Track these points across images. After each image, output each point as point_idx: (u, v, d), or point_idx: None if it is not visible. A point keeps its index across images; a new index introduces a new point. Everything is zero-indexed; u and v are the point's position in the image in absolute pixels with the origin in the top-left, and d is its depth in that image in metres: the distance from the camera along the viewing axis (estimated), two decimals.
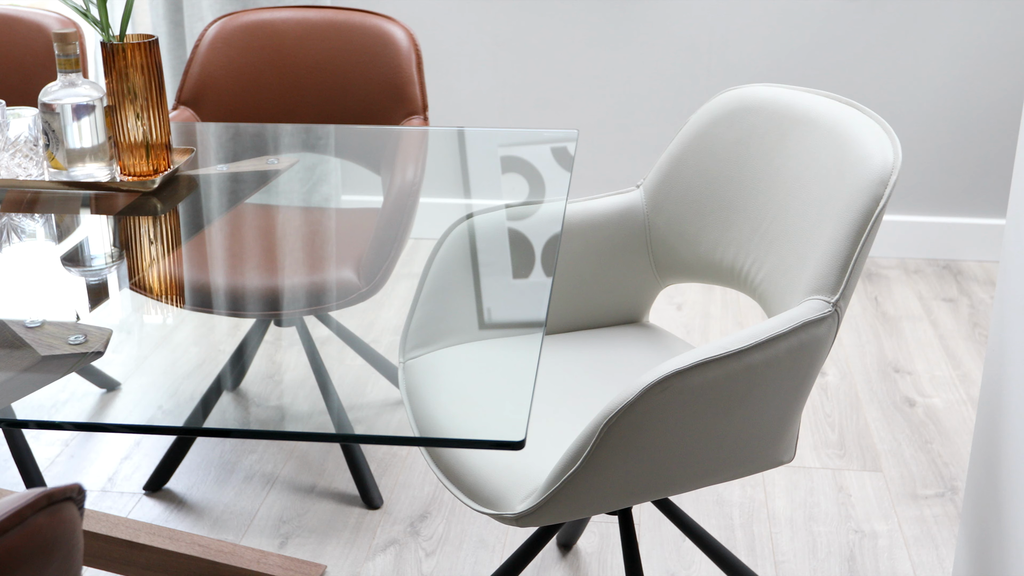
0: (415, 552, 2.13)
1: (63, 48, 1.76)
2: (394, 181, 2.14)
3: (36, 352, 1.38)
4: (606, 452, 1.43)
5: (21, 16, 2.50)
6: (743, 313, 3.07)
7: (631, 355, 1.86)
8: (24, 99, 2.42)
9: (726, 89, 1.87)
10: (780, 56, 3.31)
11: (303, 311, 1.96)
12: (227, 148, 2.19)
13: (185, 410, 1.49)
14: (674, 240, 1.89)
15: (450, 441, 1.27)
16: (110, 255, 1.75)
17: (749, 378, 1.47)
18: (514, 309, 1.70)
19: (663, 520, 2.21)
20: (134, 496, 2.29)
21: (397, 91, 2.44)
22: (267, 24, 2.51)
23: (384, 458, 2.42)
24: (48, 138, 1.81)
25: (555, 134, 2.23)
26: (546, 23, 3.33)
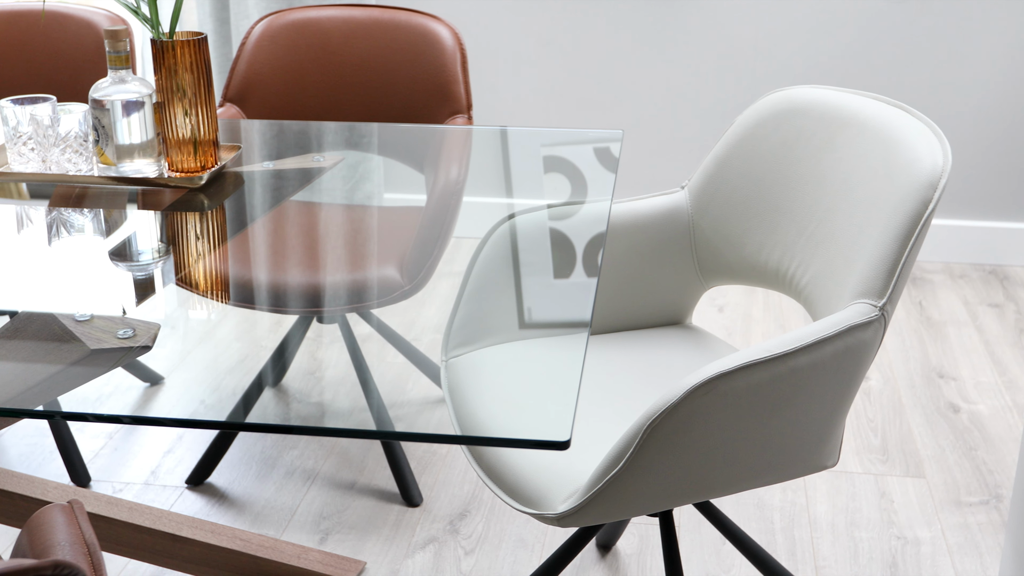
0: (454, 550, 2.13)
1: (114, 45, 1.78)
2: (438, 180, 2.14)
3: (86, 346, 1.39)
4: (649, 453, 1.42)
5: (72, 13, 2.53)
6: (785, 316, 3.05)
7: (674, 357, 1.85)
8: (74, 95, 2.45)
9: (773, 90, 1.86)
10: (825, 57, 3.28)
11: (346, 308, 1.97)
12: (271, 145, 2.20)
13: (227, 405, 1.50)
14: (718, 242, 1.89)
15: (494, 440, 1.27)
16: (157, 250, 1.76)
17: (794, 381, 1.46)
18: (558, 309, 1.69)
19: (703, 522, 2.20)
20: (176, 490, 2.31)
21: (442, 90, 2.45)
22: (313, 22, 2.52)
23: (424, 456, 2.42)
24: (98, 134, 1.83)
25: (600, 134, 2.22)
26: (591, 23, 3.32)
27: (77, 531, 1.07)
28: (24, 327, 1.47)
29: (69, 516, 1.10)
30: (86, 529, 1.08)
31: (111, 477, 2.35)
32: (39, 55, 2.54)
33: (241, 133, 2.25)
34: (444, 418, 2.48)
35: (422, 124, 2.42)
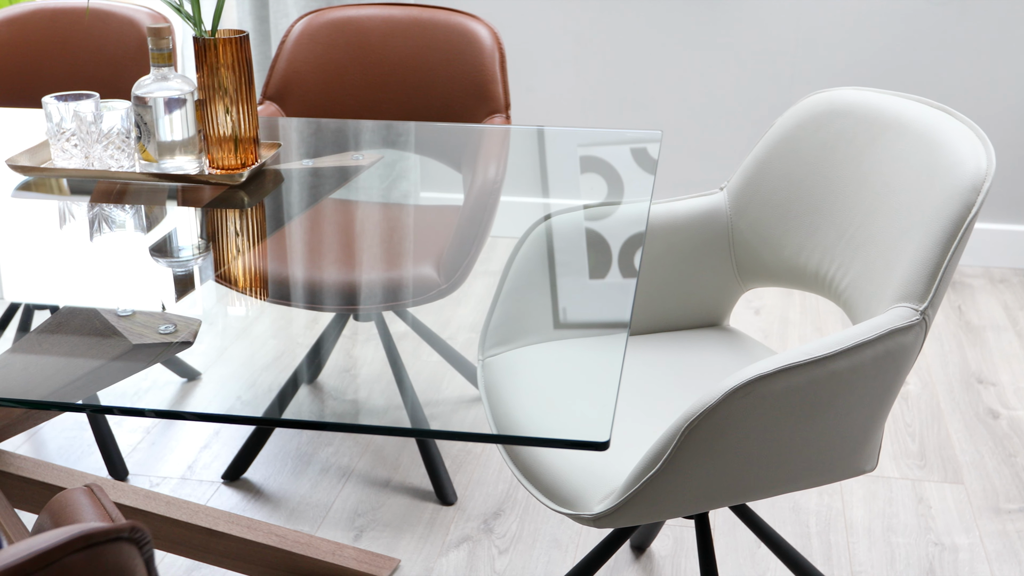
0: (488, 549, 2.13)
1: (156, 42, 1.79)
2: (476, 179, 2.15)
3: (128, 340, 1.40)
4: (687, 455, 1.42)
5: (114, 11, 2.55)
6: (822, 319, 3.03)
7: (711, 359, 1.85)
8: (115, 92, 2.47)
9: (813, 92, 1.84)
10: (865, 59, 3.26)
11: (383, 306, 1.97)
12: (309, 143, 2.21)
13: (263, 401, 1.51)
14: (757, 244, 1.88)
15: (533, 440, 1.27)
16: (197, 247, 1.78)
17: (833, 385, 1.45)
18: (597, 309, 1.69)
19: (737, 525, 2.19)
20: (212, 484, 2.33)
21: (480, 89, 2.45)
22: (352, 21, 2.53)
23: (459, 455, 2.43)
24: (140, 130, 1.84)
25: (638, 134, 2.21)
26: (629, 23, 3.32)
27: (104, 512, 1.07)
28: (67, 322, 1.49)
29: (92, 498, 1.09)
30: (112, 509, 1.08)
31: (148, 471, 2.36)
32: (82, 52, 2.56)
33: (279, 131, 2.26)
34: (479, 417, 2.49)
35: (460, 123, 2.43)
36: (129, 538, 0.74)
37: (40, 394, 1.36)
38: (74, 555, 0.71)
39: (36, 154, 1.94)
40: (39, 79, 2.56)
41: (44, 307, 2.11)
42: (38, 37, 2.57)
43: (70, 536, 0.70)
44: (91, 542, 0.71)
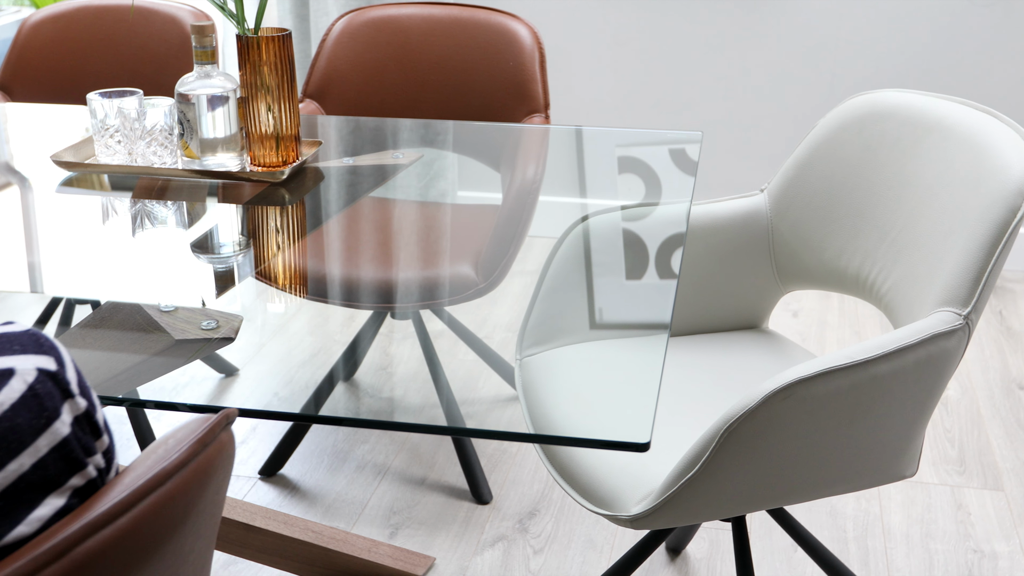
0: (523, 549, 2.13)
1: (200, 40, 1.80)
2: (515, 178, 2.15)
3: (171, 336, 1.41)
4: (725, 458, 1.41)
5: (157, 8, 2.57)
6: (861, 322, 3.01)
7: (750, 361, 1.84)
8: (158, 89, 2.49)
9: (856, 94, 1.83)
10: (907, 61, 3.23)
11: (421, 304, 1.98)
12: (347, 141, 2.22)
13: (300, 398, 1.52)
14: (798, 246, 1.86)
15: (572, 440, 1.27)
16: (237, 243, 1.79)
17: (874, 389, 1.44)
18: (636, 310, 1.69)
19: (774, 528, 2.18)
20: (249, 480, 2.34)
21: (519, 89, 2.45)
22: (392, 20, 2.54)
23: (494, 454, 2.43)
24: (183, 127, 1.86)
25: (679, 135, 2.21)
26: (668, 23, 3.31)
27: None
28: (110, 317, 1.50)
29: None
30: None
31: None
32: (125, 49, 2.58)
33: (318, 128, 2.27)
34: (514, 416, 2.49)
35: (499, 123, 2.43)
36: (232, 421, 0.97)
37: None
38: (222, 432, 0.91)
39: (80, 150, 1.96)
40: (83, 76, 2.59)
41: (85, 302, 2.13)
42: (82, 34, 2.60)
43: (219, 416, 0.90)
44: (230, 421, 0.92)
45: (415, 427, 1.44)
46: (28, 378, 0.83)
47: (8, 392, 0.81)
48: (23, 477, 0.81)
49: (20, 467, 0.80)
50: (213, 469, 0.90)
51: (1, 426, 0.80)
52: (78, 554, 0.78)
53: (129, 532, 0.82)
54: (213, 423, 0.90)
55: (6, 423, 0.80)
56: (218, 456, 0.90)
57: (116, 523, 0.81)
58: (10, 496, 0.80)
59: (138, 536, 0.83)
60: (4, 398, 0.81)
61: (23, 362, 0.83)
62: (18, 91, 2.59)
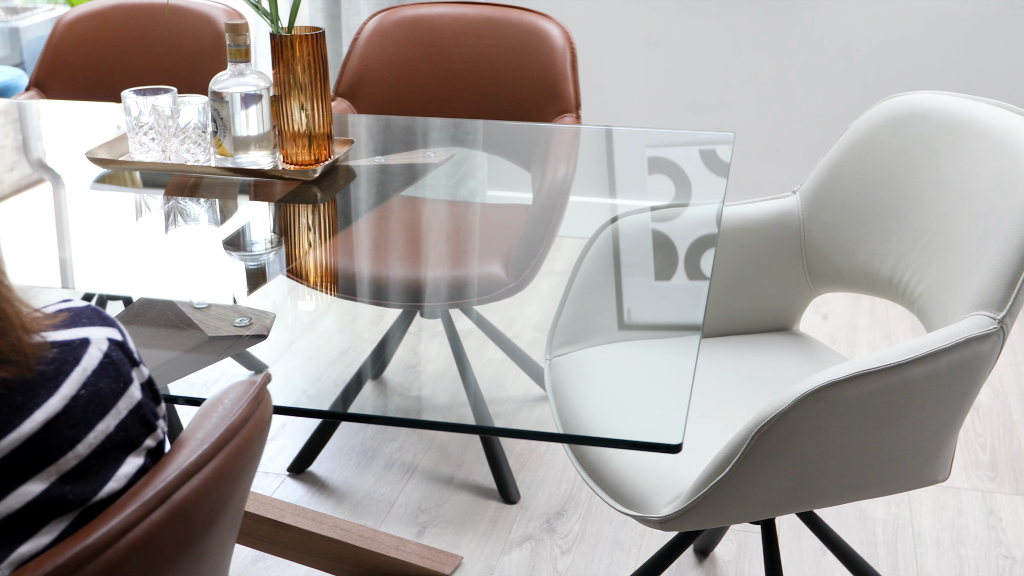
0: (551, 549, 2.13)
1: (234, 38, 1.81)
2: (545, 178, 2.15)
3: (204, 333, 1.42)
4: (756, 460, 1.41)
5: (191, 7, 2.59)
6: (891, 325, 2.99)
7: (781, 363, 1.83)
8: (191, 87, 2.50)
9: (890, 95, 1.82)
10: (941, 62, 3.21)
11: (450, 304, 1.98)
12: (377, 140, 2.22)
13: (329, 396, 1.52)
14: (830, 248, 1.86)
15: (604, 440, 1.26)
16: (270, 241, 1.80)
17: (907, 393, 1.43)
18: (668, 311, 1.68)
19: (803, 532, 2.17)
20: (278, 477, 2.35)
21: (551, 88, 2.45)
22: (424, 19, 2.54)
23: (522, 454, 2.43)
24: (216, 125, 1.87)
25: (711, 136, 2.20)
26: (700, 24, 3.30)
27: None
28: (143, 313, 1.51)
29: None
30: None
31: None
32: (158, 47, 2.60)
33: (349, 127, 2.28)
34: (543, 416, 2.49)
35: (530, 123, 2.43)
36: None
37: None
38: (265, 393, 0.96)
39: (114, 147, 1.98)
40: (117, 73, 2.60)
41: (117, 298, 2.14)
42: (116, 32, 2.62)
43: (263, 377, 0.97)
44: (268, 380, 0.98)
45: (444, 425, 1.44)
46: (102, 347, 0.88)
47: (89, 359, 0.87)
48: (110, 437, 0.87)
49: (107, 428, 0.87)
50: (264, 424, 0.97)
51: (88, 390, 0.86)
52: (176, 500, 0.86)
53: (213, 480, 0.89)
54: (261, 383, 0.96)
55: (92, 387, 0.86)
56: (267, 413, 0.98)
57: (203, 471, 0.88)
58: (100, 455, 0.86)
59: (220, 483, 0.90)
60: (87, 364, 0.86)
61: (95, 333, 0.89)
62: (53, 88, 2.62)
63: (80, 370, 0.86)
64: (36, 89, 2.61)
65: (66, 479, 0.84)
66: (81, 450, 0.84)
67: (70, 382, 0.85)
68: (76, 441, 0.84)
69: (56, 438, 0.83)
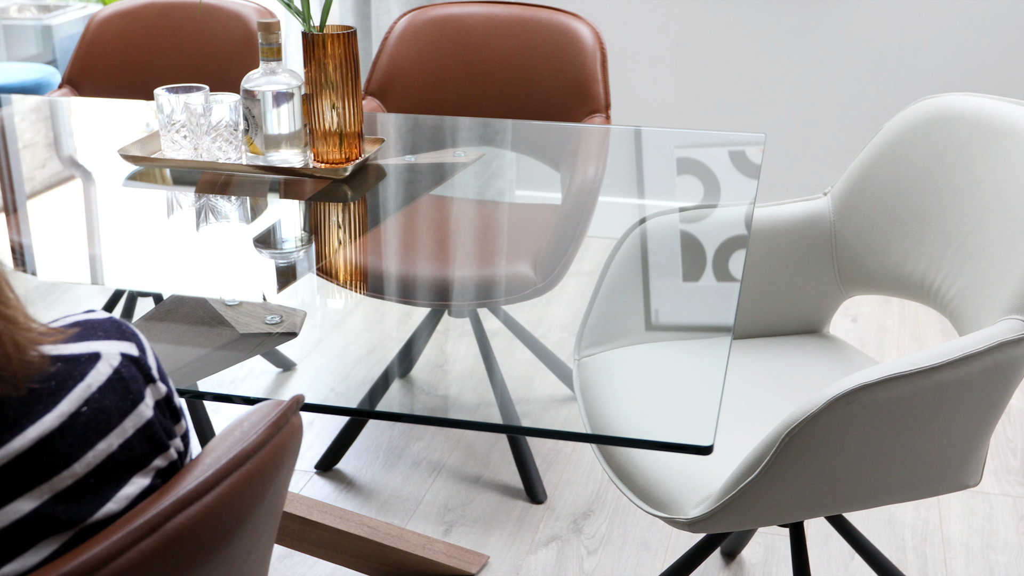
0: (577, 549, 2.13)
1: (266, 37, 1.82)
2: (575, 178, 2.14)
3: (235, 330, 1.43)
4: (786, 463, 1.40)
5: (222, 5, 2.60)
6: (922, 328, 2.97)
7: (811, 366, 1.82)
8: (222, 85, 2.51)
9: (924, 97, 1.81)
10: (972, 64, 3.18)
11: (479, 303, 1.98)
12: (406, 139, 2.23)
13: (357, 393, 1.53)
14: (861, 250, 1.84)
15: (634, 441, 1.26)
16: (300, 239, 1.80)
17: (939, 397, 1.42)
18: (698, 312, 1.68)
19: (831, 535, 2.16)
20: (306, 474, 2.36)
21: (581, 88, 2.44)
22: (455, 19, 2.54)
23: (549, 454, 2.43)
24: (248, 123, 1.88)
25: (741, 137, 2.19)
26: (730, 25, 3.29)
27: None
28: (175, 310, 1.52)
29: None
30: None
31: None
32: (190, 45, 2.61)
33: (378, 126, 2.28)
34: (570, 416, 2.48)
35: (559, 122, 2.43)
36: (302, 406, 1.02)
37: None
38: (293, 416, 0.93)
39: (147, 144, 1.99)
40: (148, 71, 2.62)
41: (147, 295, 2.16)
42: (148, 30, 2.63)
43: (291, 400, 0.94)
44: (300, 406, 0.95)
45: (471, 424, 1.44)
46: (113, 362, 0.86)
47: (95, 375, 0.85)
48: (112, 456, 0.84)
49: (109, 447, 0.84)
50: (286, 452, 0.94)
51: (91, 407, 0.84)
52: (169, 529, 0.82)
53: (214, 509, 0.86)
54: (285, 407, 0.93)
55: (95, 404, 0.84)
56: (291, 439, 0.94)
57: (202, 500, 0.85)
58: (100, 474, 0.84)
59: (222, 513, 0.87)
60: (92, 380, 0.84)
61: (108, 347, 0.87)
62: (85, 86, 2.63)
63: (83, 386, 0.84)
64: (69, 87, 2.63)
65: (60, 498, 0.81)
66: (78, 469, 0.82)
67: (71, 399, 0.83)
68: (73, 459, 0.82)
69: (51, 455, 0.81)
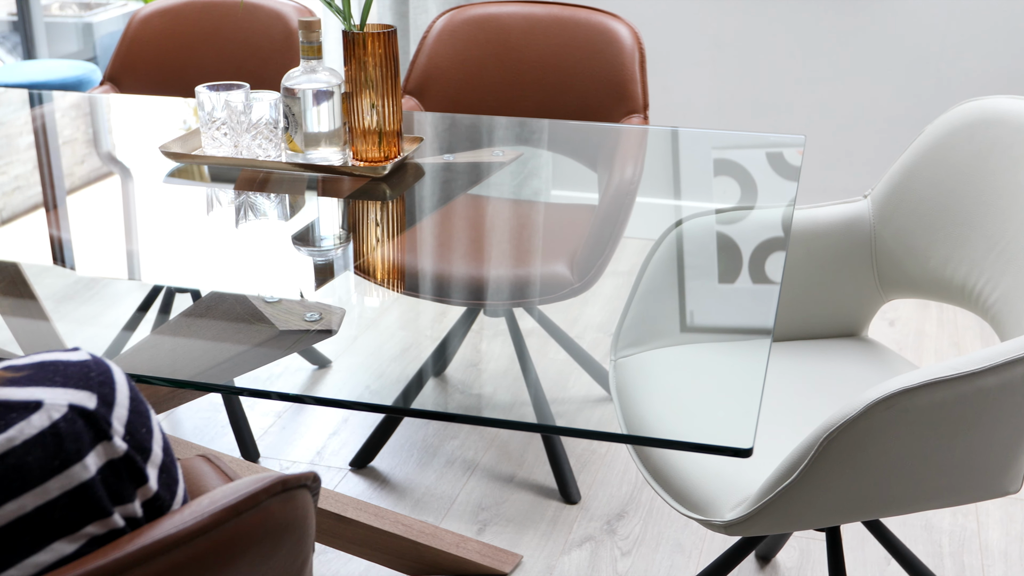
0: (611, 551, 2.13)
1: (307, 35, 1.83)
2: (612, 179, 2.14)
3: (275, 327, 1.43)
4: (824, 467, 1.39)
5: (262, 4, 2.61)
6: (960, 333, 2.95)
7: (849, 369, 1.81)
8: (261, 83, 2.53)
9: (966, 99, 1.79)
10: (1017, 66, 3.15)
11: (514, 303, 1.98)
12: (443, 138, 2.23)
13: (391, 391, 1.53)
14: (901, 254, 1.83)
15: (672, 443, 1.26)
16: (338, 237, 1.81)
17: (980, 402, 1.41)
18: (738, 314, 1.67)
19: (867, 540, 2.15)
20: (340, 471, 2.37)
21: (619, 89, 2.44)
22: (493, 18, 2.55)
23: (583, 454, 2.42)
24: (287, 121, 1.88)
25: (780, 139, 2.18)
26: (768, 25, 3.27)
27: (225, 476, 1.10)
28: (214, 306, 1.53)
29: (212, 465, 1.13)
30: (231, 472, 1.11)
31: (279, 455, 2.42)
32: (229, 43, 2.63)
33: (415, 125, 2.29)
34: (604, 416, 2.48)
35: (597, 123, 2.42)
36: (310, 486, 0.83)
37: (186, 375, 1.40)
38: (273, 498, 0.80)
39: (187, 142, 2.00)
40: (189, 69, 2.64)
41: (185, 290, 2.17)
42: (189, 28, 2.65)
43: (272, 482, 0.79)
44: (287, 487, 0.80)
45: (506, 423, 1.44)
46: (55, 414, 0.76)
47: (24, 427, 0.75)
48: (23, 519, 0.75)
49: (20, 508, 0.75)
50: (247, 543, 0.78)
51: (4, 463, 0.74)
52: None
53: None
54: (260, 489, 0.79)
55: (11, 460, 0.74)
56: (258, 528, 0.78)
57: None
58: (4, 537, 0.74)
59: None
60: (15, 433, 0.74)
61: (56, 396, 0.77)
62: (126, 83, 2.65)
63: (3, 439, 0.74)
64: (110, 83, 2.65)
65: None
66: None
67: None
68: None
69: None
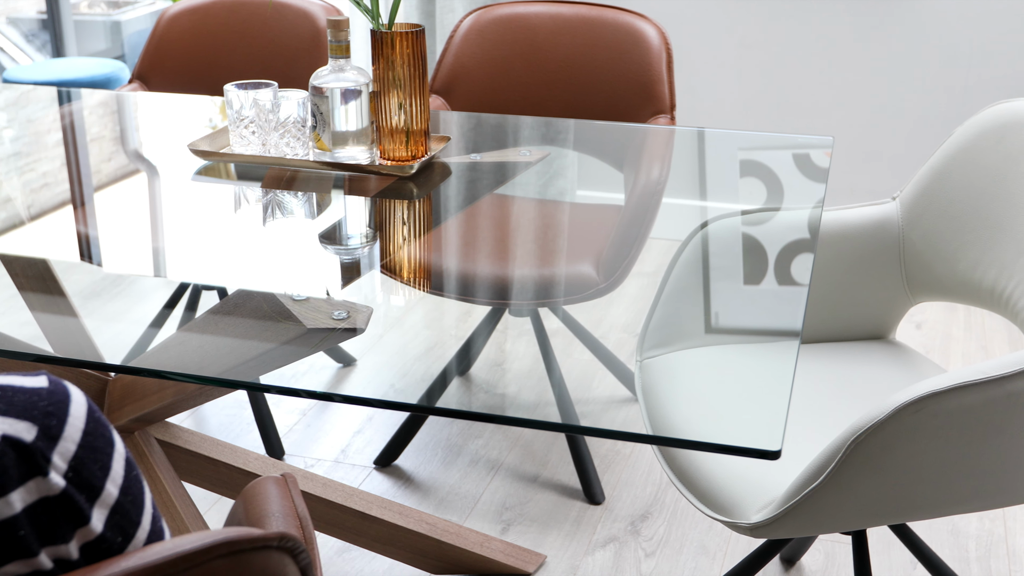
0: (635, 551, 2.12)
1: (335, 35, 1.83)
2: (639, 179, 2.14)
3: (303, 325, 1.44)
4: (851, 470, 1.38)
5: (291, 3, 2.62)
6: (987, 336, 2.93)
7: (877, 372, 1.80)
8: (288, 82, 2.53)
9: (996, 102, 1.78)
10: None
11: (540, 302, 1.98)
12: (469, 137, 2.23)
13: (416, 390, 1.53)
14: (930, 256, 1.82)
15: (699, 444, 1.25)
16: (365, 236, 1.81)
17: (1009, 406, 1.40)
18: (765, 316, 1.67)
19: (893, 543, 2.13)
20: (364, 469, 2.37)
21: (646, 89, 2.44)
22: (521, 18, 2.55)
23: (607, 455, 2.42)
24: (315, 120, 1.89)
25: (808, 140, 2.17)
26: (795, 26, 3.26)
27: (291, 504, 1.11)
28: (242, 304, 1.53)
29: (283, 489, 1.14)
30: (299, 503, 1.12)
31: (303, 452, 2.42)
32: (258, 42, 2.64)
33: (440, 124, 2.29)
34: (629, 417, 2.48)
35: (623, 123, 2.42)
36: (279, 547, 0.75)
37: (214, 372, 1.41)
38: (217, 560, 0.71)
39: (215, 140, 2.01)
40: (217, 67, 2.65)
41: (212, 288, 2.18)
42: (217, 27, 2.66)
43: (213, 541, 0.71)
44: (235, 549, 0.72)
45: (531, 423, 1.44)
46: None
47: None
48: None
49: None
50: None
51: None
52: None
53: None
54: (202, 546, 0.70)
55: None
56: None
57: None
58: None
59: None
60: None
61: None
62: (155, 81, 2.67)
63: None
64: (139, 82, 2.67)
65: None
66: None
67: None
68: None
69: None
